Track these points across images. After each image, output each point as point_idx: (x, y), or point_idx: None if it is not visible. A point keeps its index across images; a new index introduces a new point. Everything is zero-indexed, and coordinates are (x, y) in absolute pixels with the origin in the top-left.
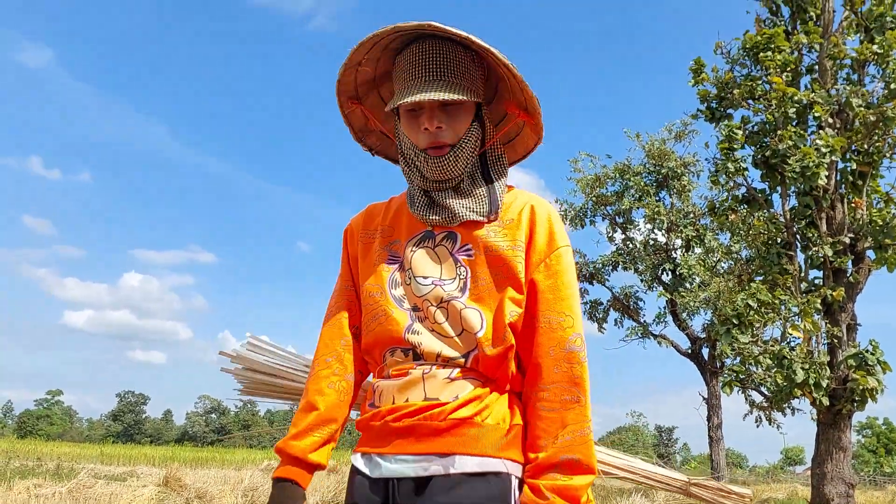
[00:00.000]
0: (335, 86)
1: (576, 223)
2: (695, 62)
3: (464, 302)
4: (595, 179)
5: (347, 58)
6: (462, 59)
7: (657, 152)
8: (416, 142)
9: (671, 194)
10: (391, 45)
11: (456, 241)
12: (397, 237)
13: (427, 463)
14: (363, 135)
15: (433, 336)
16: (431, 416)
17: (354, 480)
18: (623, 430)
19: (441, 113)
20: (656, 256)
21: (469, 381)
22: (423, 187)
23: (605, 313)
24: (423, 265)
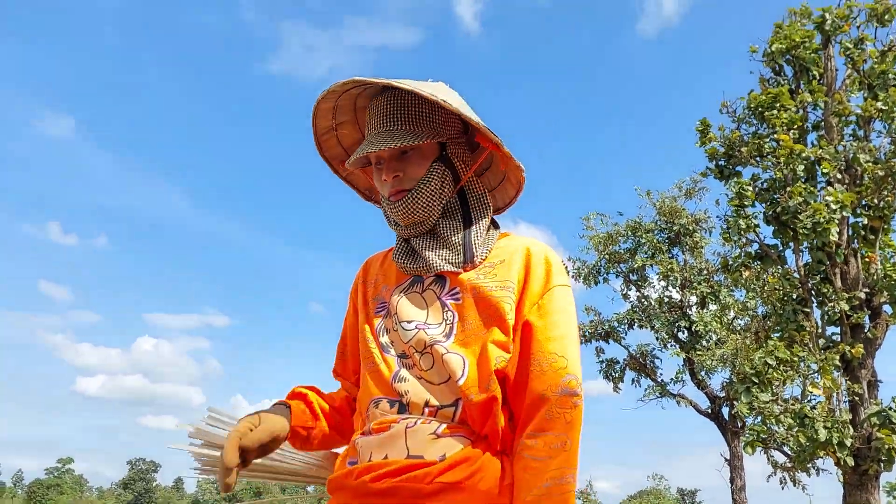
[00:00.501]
0: (320, 155)
1: (589, 281)
2: (701, 123)
3: (447, 346)
4: (607, 237)
5: (313, 125)
6: (420, 105)
7: (668, 209)
8: (383, 192)
9: (684, 251)
10: (358, 101)
11: (444, 285)
12: (386, 283)
13: None
14: (371, 193)
15: (420, 384)
16: (416, 478)
17: None
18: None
19: (397, 162)
20: (671, 314)
21: (457, 439)
22: (403, 235)
23: (621, 372)
24: (408, 310)
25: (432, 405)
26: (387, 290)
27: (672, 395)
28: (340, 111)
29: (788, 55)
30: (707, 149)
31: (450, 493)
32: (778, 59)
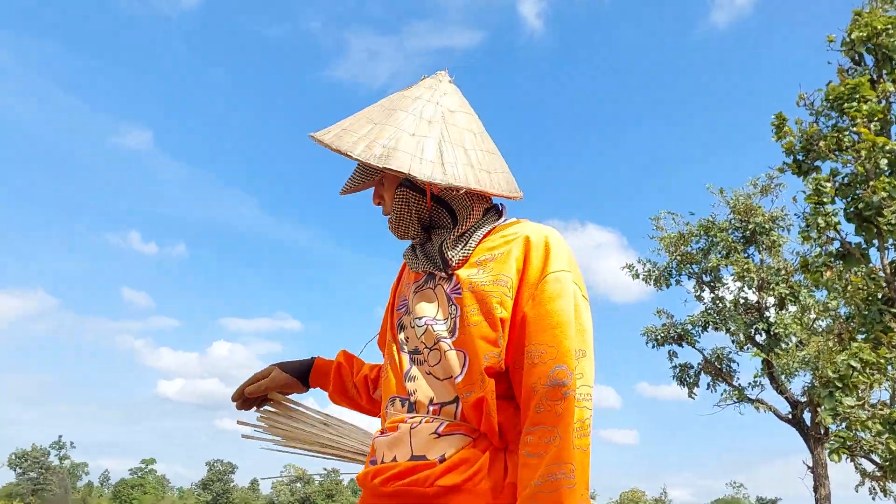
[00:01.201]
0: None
1: (660, 283)
2: (776, 117)
3: (450, 343)
4: (679, 237)
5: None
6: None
7: (743, 207)
8: None
9: (760, 250)
10: None
11: (451, 281)
12: (408, 281)
13: None
14: None
15: (427, 380)
16: (417, 482)
17: None
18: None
19: (378, 188)
20: (748, 315)
21: (457, 438)
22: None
23: (696, 377)
24: (420, 307)
25: (436, 402)
26: (408, 288)
27: (750, 400)
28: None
29: (869, 43)
30: (783, 143)
31: (451, 495)
32: (858, 48)
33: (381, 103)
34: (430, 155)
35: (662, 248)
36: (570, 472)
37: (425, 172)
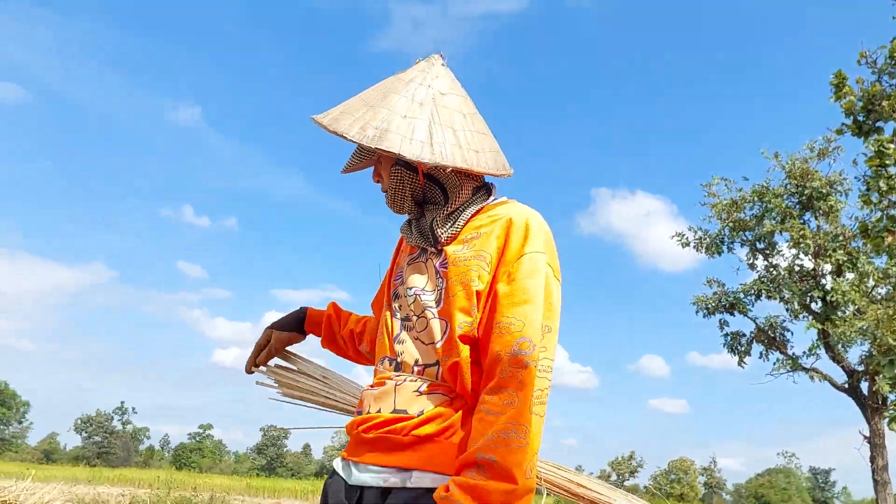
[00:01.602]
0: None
1: (711, 251)
2: (836, 76)
3: (434, 312)
4: (731, 204)
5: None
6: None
7: (799, 172)
8: None
9: (817, 216)
10: None
11: (440, 256)
12: (406, 253)
13: (387, 475)
14: None
15: (415, 344)
16: (395, 431)
17: (332, 481)
18: (773, 471)
19: (377, 167)
20: (804, 283)
21: (436, 397)
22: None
23: (748, 346)
24: (411, 278)
25: (420, 364)
26: (404, 260)
27: (805, 370)
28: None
29: None
30: (843, 104)
31: (424, 444)
32: None
33: (377, 86)
34: (419, 136)
35: (714, 216)
36: (524, 432)
37: (414, 152)
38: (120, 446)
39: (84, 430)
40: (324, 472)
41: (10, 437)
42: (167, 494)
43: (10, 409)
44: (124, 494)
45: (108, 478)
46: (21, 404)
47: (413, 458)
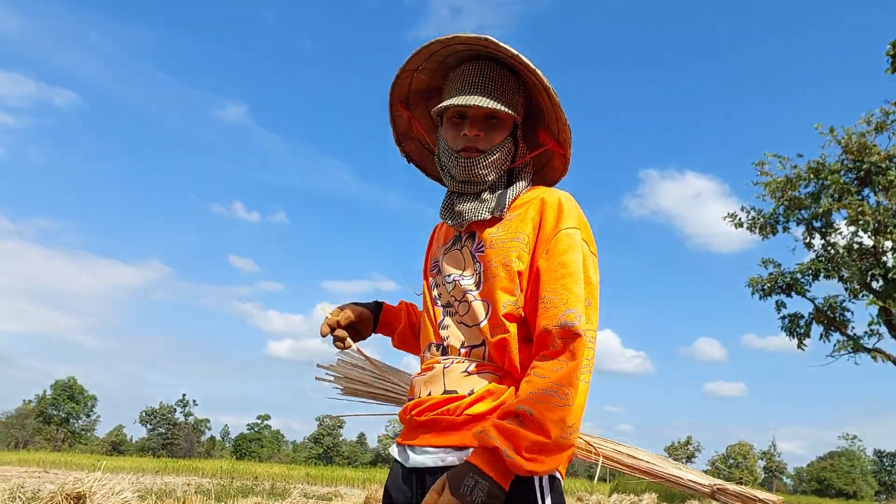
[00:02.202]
0: (390, 87)
1: (766, 231)
2: (892, 46)
3: (475, 295)
4: (786, 182)
5: (407, 60)
6: (508, 82)
7: (856, 146)
8: (453, 144)
9: (876, 192)
10: (448, 60)
11: (475, 240)
12: (441, 244)
13: (444, 454)
14: (403, 140)
15: (459, 328)
16: (448, 411)
17: (392, 467)
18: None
19: (482, 124)
20: (863, 261)
21: (485, 376)
22: (452, 189)
23: (807, 327)
24: (449, 265)
25: (466, 346)
26: (438, 251)
27: (866, 350)
28: (430, 59)
29: None
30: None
31: (477, 422)
32: None
33: None
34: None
35: (767, 194)
36: (565, 394)
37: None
38: (183, 437)
39: (149, 423)
40: (379, 460)
41: (80, 430)
42: (230, 483)
43: (79, 404)
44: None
45: (174, 468)
46: (88, 398)
47: (468, 437)
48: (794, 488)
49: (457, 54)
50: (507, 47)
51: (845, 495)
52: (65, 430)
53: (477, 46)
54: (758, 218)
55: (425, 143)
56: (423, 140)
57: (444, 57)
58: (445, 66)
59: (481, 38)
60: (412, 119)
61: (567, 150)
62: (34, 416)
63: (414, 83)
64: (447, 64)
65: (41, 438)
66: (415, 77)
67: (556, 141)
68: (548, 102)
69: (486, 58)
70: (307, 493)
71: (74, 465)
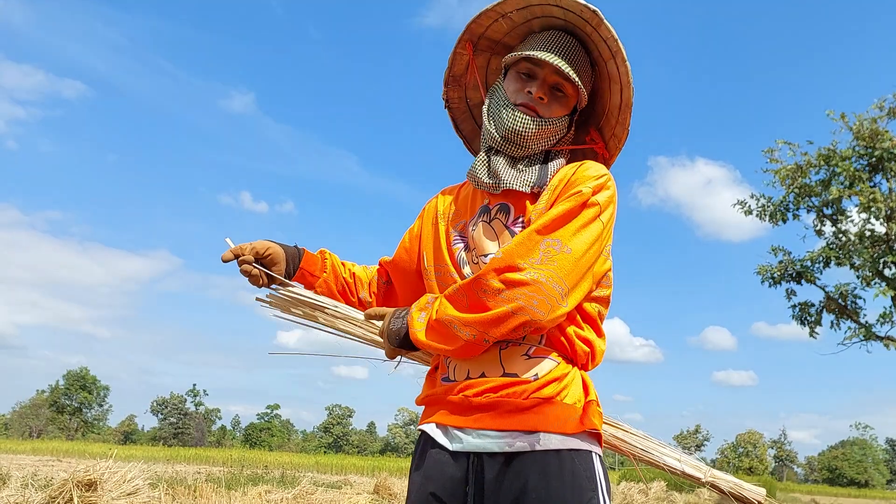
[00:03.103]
0: (470, 21)
1: (776, 218)
2: None
3: None
4: (796, 169)
5: (499, 2)
6: (586, 66)
7: (868, 133)
8: (512, 96)
9: (888, 178)
10: (533, 22)
11: (509, 214)
12: (462, 218)
13: (512, 439)
14: (452, 83)
15: None
16: (514, 394)
17: (429, 452)
18: (847, 444)
19: (549, 90)
20: (875, 249)
21: (547, 360)
22: (490, 145)
23: (818, 315)
24: (483, 243)
25: None
26: (464, 224)
27: (879, 338)
28: (521, 11)
29: None
30: None
31: (545, 406)
32: None
33: None
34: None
35: (777, 182)
36: None
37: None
38: (194, 427)
39: (160, 412)
40: (388, 449)
41: (93, 419)
42: (240, 472)
43: (92, 394)
44: (200, 472)
45: (185, 457)
46: (101, 388)
47: (537, 420)
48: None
49: (547, 19)
50: (609, 27)
51: (857, 484)
52: (78, 420)
53: (574, 18)
54: (767, 205)
55: (468, 96)
56: (468, 91)
57: (535, 16)
58: (529, 26)
59: (587, 9)
60: (472, 63)
61: (614, 156)
62: (47, 405)
63: (492, 28)
64: (531, 25)
65: (55, 428)
66: (497, 22)
67: (605, 143)
68: (617, 99)
69: (573, 35)
70: (317, 482)
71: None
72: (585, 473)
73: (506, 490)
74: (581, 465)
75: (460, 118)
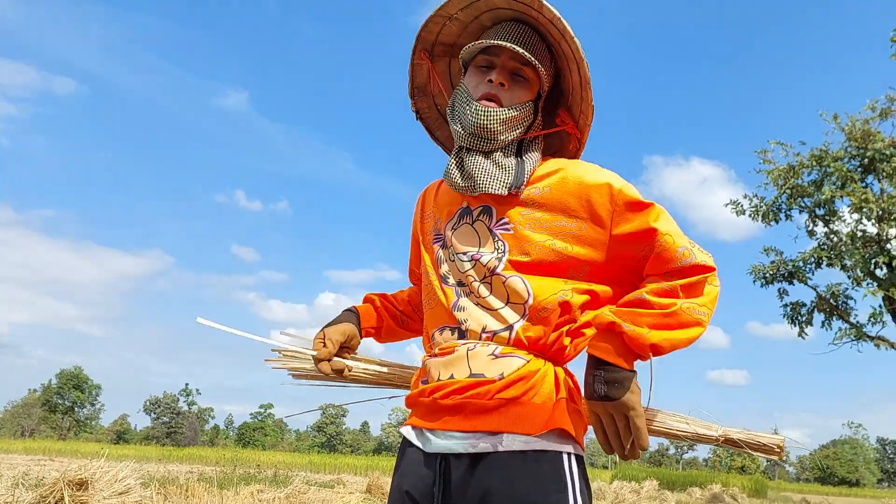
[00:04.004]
0: (418, 30)
1: (769, 218)
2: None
3: (501, 277)
4: (788, 169)
5: (442, 4)
6: (542, 50)
7: (860, 133)
8: (473, 91)
9: (880, 179)
10: (482, 17)
11: (492, 216)
12: (439, 216)
13: (475, 440)
14: (418, 94)
15: (479, 310)
16: (479, 395)
17: (406, 451)
18: (839, 443)
19: (509, 76)
20: (867, 249)
21: (512, 359)
22: (460, 144)
23: (809, 315)
24: (462, 241)
25: (489, 330)
26: (440, 223)
27: (870, 338)
28: (466, 10)
29: None
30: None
31: (509, 406)
32: None
33: None
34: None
35: (770, 182)
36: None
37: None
38: (187, 426)
39: (153, 412)
40: (382, 448)
41: (85, 418)
42: (233, 471)
43: (84, 393)
44: (192, 471)
45: (177, 456)
46: (93, 387)
47: (501, 421)
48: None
49: (494, 13)
50: (551, 7)
51: (848, 483)
52: (70, 419)
53: (519, 6)
54: (760, 206)
55: (437, 103)
56: (435, 98)
57: (481, 12)
58: (479, 23)
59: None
60: (432, 71)
61: (585, 133)
62: (40, 405)
63: (443, 33)
64: (481, 21)
65: (47, 427)
66: (446, 26)
67: (575, 123)
68: (577, 77)
69: (524, 23)
70: (310, 481)
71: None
72: (551, 475)
73: (471, 492)
74: (547, 466)
75: (434, 125)
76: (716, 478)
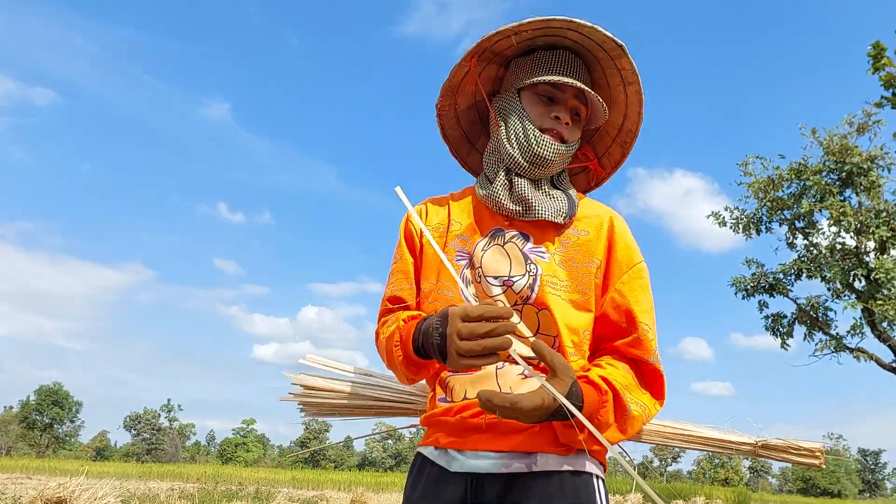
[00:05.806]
0: (482, 38)
1: (749, 230)
2: (873, 47)
3: (537, 304)
4: (768, 182)
5: (519, 23)
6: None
7: (838, 148)
8: (537, 120)
9: (858, 192)
10: (538, 39)
11: (528, 241)
12: (465, 233)
13: (509, 460)
14: (447, 93)
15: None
16: None
17: (427, 472)
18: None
19: (571, 115)
20: (846, 261)
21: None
22: (510, 167)
23: (789, 327)
24: (493, 264)
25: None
26: (466, 240)
27: (850, 350)
28: (533, 30)
29: None
30: (882, 76)
31: (543, 427)
32: None
33: None
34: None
35: (751, 195)
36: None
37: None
38: (168, 442)
39: (133, 428)
40: (366, 463)
41: (64, 435)
42: (214, 488)
43: (64, 409)
44: (173, 489)
45: (158, 473)
46: (73, 403)
47: (534, 442)
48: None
49: (554, 38)
50: (632, 61)
51: (829, 494)
52: (49, 436)
53: (589, 43)
54: (741, 218)
55: (457, 104)
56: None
57: (546, 34)
58: (532, 42)
59: (612, 42)
60: (475, 73)
61: (610, 174)
62: (17, 421)
63: (498, 43)
64: (535, 41)
65: (24, 444)
66: (507, 38)
67: (599, 162)
68: (618, 120)
69: (577, 54)
70: (292, 497)
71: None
72: (585, 496)
73: None
74: (580, 487)
75: (448, 125)
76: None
